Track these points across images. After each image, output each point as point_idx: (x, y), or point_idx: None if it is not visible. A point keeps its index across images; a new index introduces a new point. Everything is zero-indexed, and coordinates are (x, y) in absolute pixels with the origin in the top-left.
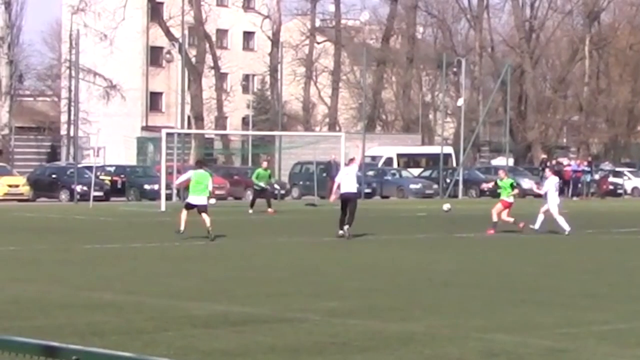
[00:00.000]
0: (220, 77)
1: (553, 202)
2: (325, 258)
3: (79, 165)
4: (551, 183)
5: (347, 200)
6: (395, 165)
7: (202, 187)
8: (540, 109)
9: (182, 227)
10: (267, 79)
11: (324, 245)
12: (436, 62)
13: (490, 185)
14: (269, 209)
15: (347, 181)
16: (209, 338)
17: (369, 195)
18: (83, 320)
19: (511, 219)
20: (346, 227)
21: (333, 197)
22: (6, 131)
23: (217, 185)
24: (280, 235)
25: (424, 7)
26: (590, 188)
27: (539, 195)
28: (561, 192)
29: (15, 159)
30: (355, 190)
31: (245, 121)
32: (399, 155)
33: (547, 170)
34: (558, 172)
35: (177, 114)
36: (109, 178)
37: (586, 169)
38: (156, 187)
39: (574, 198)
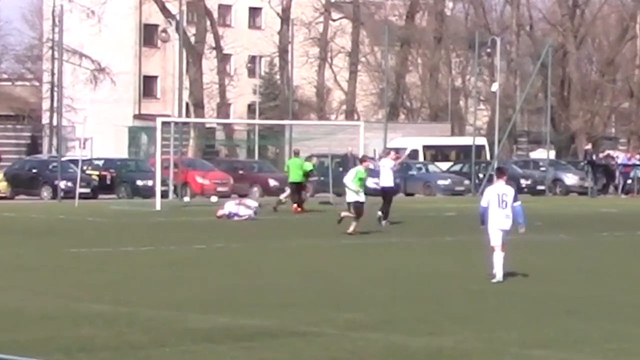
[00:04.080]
0: (223, 59)
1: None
2: (342, 263)
3: (63, 159)
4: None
5: (385, 194)
6: (421, 158)
7: None
8: (586, 95)
9: None
10: (276, 61)
11: (341, 248)
12: (467, 42)
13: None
14: (295, 205)
15: (384, 175)
16: (211, 354)
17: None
18: (69, 334)
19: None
20: (384, 221)
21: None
22: None
23: (220, 181)
24: (291, 237)
25: None
26: None
27: (583, 193)
28: (607, 188)
29: None
30: (391, 184)
31: (251, 109)
32: (426, 147)
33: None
34: (606, 167)
35: (174, 101)
36: (97, 173)
37: (637, 162)
38: (150, 183)
39: (623, 196)
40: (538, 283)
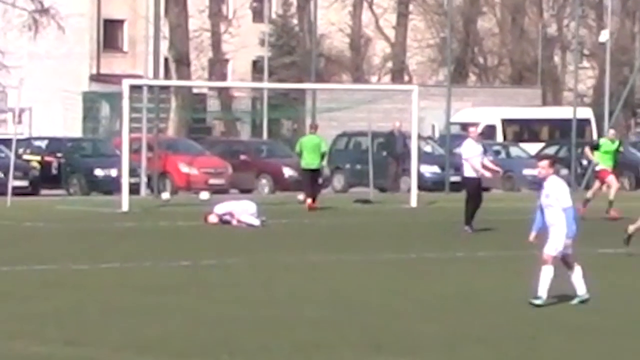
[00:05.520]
0: None
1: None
2: (385, 286)
3: None
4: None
5: (468, 188)
6: (499, 138)
7: None
8: None
9: None
10: None
11: (384, 266)
12: None
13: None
14: (309, 200)
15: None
16: None
17: (457, 186)
18: None
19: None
20: (466, 227)
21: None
22: None
23: (213, 170)
24: (310, 249)
25: None
26: None
27: None
28: None
29: None
30: (475, 174)
31: (257, 67)
32: (506, 122)
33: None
34: None
35: (148, 55)
36: (38, 159)
37: None
38: (114, 173)
39: None
40: None
